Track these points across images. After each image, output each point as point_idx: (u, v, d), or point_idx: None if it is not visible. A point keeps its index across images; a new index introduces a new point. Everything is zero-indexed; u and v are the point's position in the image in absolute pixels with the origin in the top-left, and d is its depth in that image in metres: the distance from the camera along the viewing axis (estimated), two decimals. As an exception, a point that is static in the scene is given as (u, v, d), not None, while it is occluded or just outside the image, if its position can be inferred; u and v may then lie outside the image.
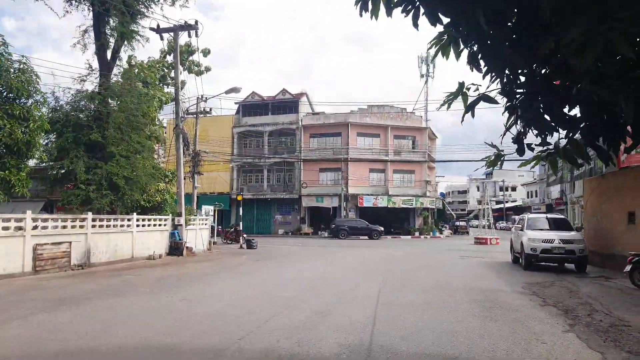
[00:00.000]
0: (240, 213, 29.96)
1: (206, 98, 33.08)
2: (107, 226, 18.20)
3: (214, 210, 32.41)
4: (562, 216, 18.07)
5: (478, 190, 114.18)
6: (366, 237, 40.55)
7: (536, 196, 78.77)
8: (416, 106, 54.72)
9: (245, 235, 29.78)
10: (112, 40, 23.15)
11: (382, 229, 41.84)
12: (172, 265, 16.89)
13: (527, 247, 15.39)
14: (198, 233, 24.46)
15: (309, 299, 9.52)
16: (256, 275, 13.53)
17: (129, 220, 19.40)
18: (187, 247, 22.31)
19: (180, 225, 21.78)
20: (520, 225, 17.02)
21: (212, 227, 33.05)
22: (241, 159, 48.62)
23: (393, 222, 49.90)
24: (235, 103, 49.21)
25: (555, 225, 16.58)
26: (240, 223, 30.42)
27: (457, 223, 62.02)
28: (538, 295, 10.46)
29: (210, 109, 33.25)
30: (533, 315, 8.25)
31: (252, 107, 48.74)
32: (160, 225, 21.10)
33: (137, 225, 19.71)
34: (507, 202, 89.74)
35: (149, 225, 20.45)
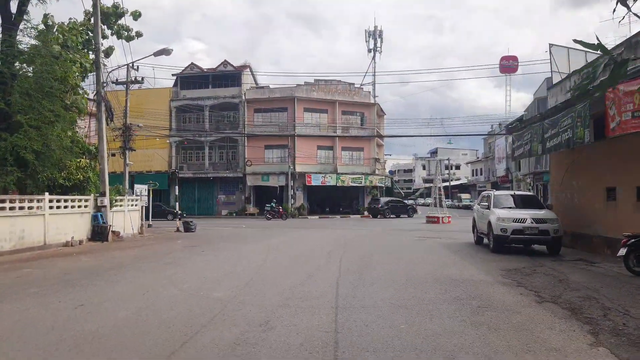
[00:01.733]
0: (177, 192, 27.09)
1: (137, 66, 29.77)
2: (11, 208, 15.21)
3: (148, 190, 29.44)
4: (531, 193, 16.65)
5: (424, 169, 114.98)
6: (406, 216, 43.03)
7: (481, 174, 79.55)
8: (364, 82, 52.92)
9: (182, 217, 27.07)
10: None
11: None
12: (90, 254, 14.22)
13: (497, 228, 13.80)
14: (127, 215, 21.63)
15: (246, 301, 7.33)
16: (186, 267, 11.18)
17: (39, 201, 16.46)
18: (113, 232, 19.53)
19: (104, 206, 18.94)
20: (486, 204, 15.44)
21: (146, 208, 30.17)
22: (180, 135, 45.25)
23: (342, 201, 48.36)
24: (173, 75, 45.60)
25: (523, 203, 15.11)
26: (177, 204, 27.61)
27: (405, 201, 61.36)
28: (526, 286, 8.74)
29: (142, 78, 29.93)
30: (537, 318, 6.43)
31: (191, 79, 45.28)
32: (80, 207, 18.18)
33: (51, 207, 16.80)
34: (452, 180, 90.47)
35: (65, 207, 17.54)
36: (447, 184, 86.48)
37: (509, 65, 69.42)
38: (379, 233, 23.27)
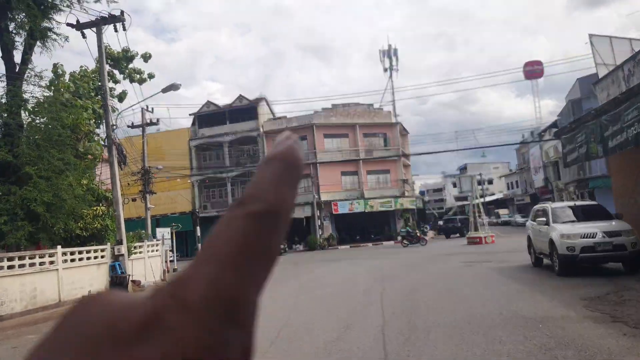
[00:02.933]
0: (199, 233, 25.71)
1: (152, 108, 29.04)
2: (21, 266, 14.07)
3: (171, 233, 28.19)
4: (594, 202, 14.62)
5: (454, 186, 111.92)
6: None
7: (517, 187, 76.48)
8: (383, 102, 51.51)
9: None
10: (19, 40, 19.26)
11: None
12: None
13: (562, 247, 11.82)
14: (147, 262, 20.26)
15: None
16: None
17: (51, 255, 15.33)
18: (133, 281, 18.16)
19: (122, 255, 17.60)
20: (543, 219, 13.45)
21: (170, 252, 28.89)
22: (201, 174, 44.27)
23: (371, 227, 46.31)
24: (190, 114, 44.97)
25: (587, 214, 13.09)
26: (199, 245, 26.15)
27: (440, 222, 58.87)
28: (625, 321, 6.83)
29: (158, 120, 29.08)
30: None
31: (208, 117, 44.54)
32: (96, 257, 16.97)
33: (65, 261, 15.62)
34: (486, 196, 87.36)
35: (80, 259, 16.34)
36: (482, 200, 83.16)
37: (533, 70, 67.11)
38: (417, 261, 21.28)
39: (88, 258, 16.48)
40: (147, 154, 28.16)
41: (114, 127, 18.12)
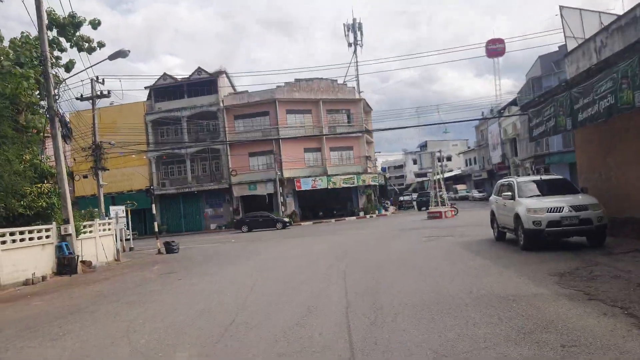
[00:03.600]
0: (154, 211, 24.58)
1: (102, 79, 27.32)
2: (-50, 251, 12.86)
3: (126, 211, 26.91)
4: (560, 176, 14.38)
5: (414, 163, 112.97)
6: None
7: (475, 163, 77.68)
8: (347, 78, 50.70)
9: (159, 239, 24.65)
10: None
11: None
12: (47, 295, 11.74)
13: (528, 221, 11.53)
14: (99, 242, 19.12)
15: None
16: (151, 306, 8.76)
17: (-14, 236, 14.11)
18: (83, 262, 17.07)
19: (69, 235, 16.45)
20: (509, 193, 13.14)
21: (127, 231, 27.63)
22: (158, 150, 42.67)
23: (335, 204, 46.04)
24: (145, 88, 43.04)
25: (553, 188, 12.84)
26: (155, 223, 25.08)
27: (402, 198, 59.28)
28: (601, 299, 6.47)
29: (109, 92, 27.38)
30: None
31: (165, 91, 42.78)
32: (40, 237, 15.70)
33: (3, 242, 14.38)
34: (445, 172, 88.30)
35: (22, 239, 15.05)
36: (440, 176, 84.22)
37: (496, 48, 67.48)
38: (381, 236, 20.94)
39: (31, 239, 15.22)
40: (97, 128, 26.59)
41: (56, 97, 16.69)
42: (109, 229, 20.71)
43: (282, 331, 6.10)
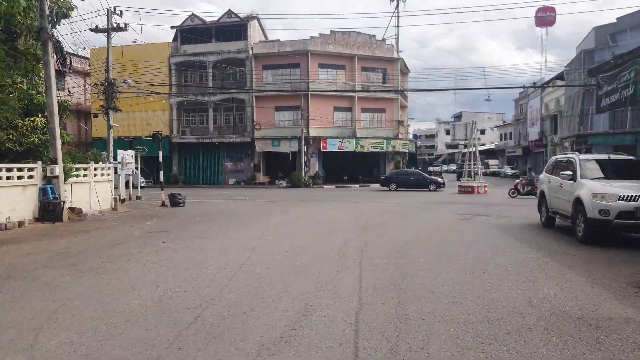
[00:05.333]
0: (160, 158, 22.76)
1: (120, 11, 25.25)
2: None
3: (136, 157, 25.32)
4: (631, 157, 11.89)
5: (447, 134, 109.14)
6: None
7: (510, 138, 73.96)
8: (386, 35, 47.41)
9: (165, 191, 22.95)
10: None
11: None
12: (9, 244, 10.12)
13: (594, 209, 9.25)
14: (93, 187, 17.48)
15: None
16: (115, 275, 6.94)
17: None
18: (72, 209, 15.48)
19: (56, 177, 14.80)
20: (569, 172, 10.79)
21: (134, 178, 26.14)
22: (181, 94, 40.77)
23: (361, 168, 43.82)
24: (172, 28, 40.85)
25: (624, 171, 10.49)
26: (161, 172, 23.34)
27: (431, 168, 56.61)
28: None
29: (126, 25, 25.27)
30: None
31: (192, 32, 40.46)
32: (21, 177, 14.03)
33: (-24, 179, 12.82)
34: (477, 145, 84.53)
35: (-2, 177, 13.37)
36: (475, 148, 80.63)
37: (545, 17, 62.84)
38: (408, 208, 18.79)
39: (9, 178, 13.51)
40: (112, 65, 24.72)
41: (51, 18, 14.66)
42: (107, 174, 19.02)
43: (257, 349, 4.12)
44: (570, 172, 10.72)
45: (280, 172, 39.68)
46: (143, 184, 30.60)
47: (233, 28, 39.76)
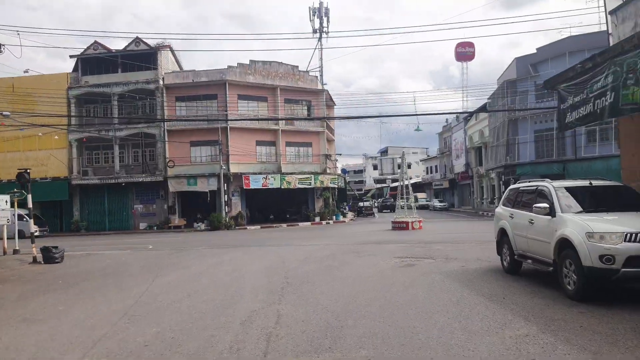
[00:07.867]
0: (30, 204, 18.50)
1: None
2: None
3: (12, 202, 20.78)
4: (617, 183, 9.56)
5: (374, 169, 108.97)
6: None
7: (436, 171, 74.17)
8: (310, 67, 45.51)
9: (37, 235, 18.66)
10: None
11: None
12: None
13: (589, 254, 6.71)
14: None
15: None
16: None
17: None
18: None
19: None
20: (543, 205, 8.25)
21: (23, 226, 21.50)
22: (82, 131, 36.14)
23: (288, 206, 40.81)
24: (71, 57, 36.51)
25: (612, 200, 8.17)
26: (31, 221, 19.01)
27: (361, 204, 54.63)
28: None
29: (2, 46, 21.12)
30: None
31: (95, 62, 36.35)
32: None
33: None
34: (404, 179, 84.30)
35: None
36: (399, 183, 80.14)
37: (465, 52, 64.14)
38: (339, 251, 15.82)
39: None
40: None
41: None
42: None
43: None
44: (546, 205, 8.19)
45: (199, 214, 35.78)
46: (37, 233, 25.78)
47: (142, 56, 36.08)
